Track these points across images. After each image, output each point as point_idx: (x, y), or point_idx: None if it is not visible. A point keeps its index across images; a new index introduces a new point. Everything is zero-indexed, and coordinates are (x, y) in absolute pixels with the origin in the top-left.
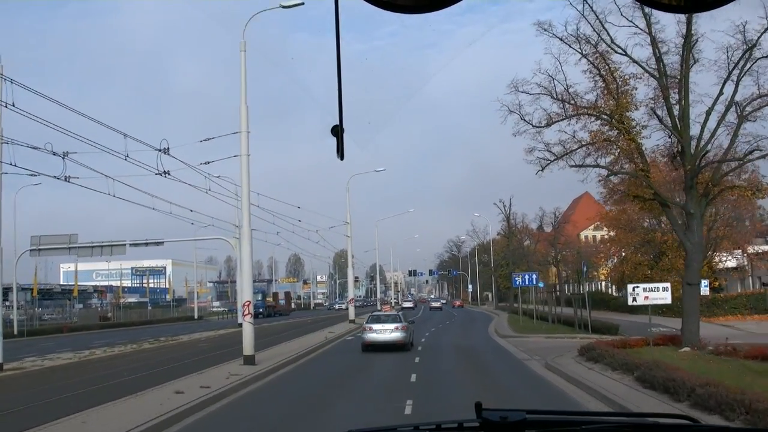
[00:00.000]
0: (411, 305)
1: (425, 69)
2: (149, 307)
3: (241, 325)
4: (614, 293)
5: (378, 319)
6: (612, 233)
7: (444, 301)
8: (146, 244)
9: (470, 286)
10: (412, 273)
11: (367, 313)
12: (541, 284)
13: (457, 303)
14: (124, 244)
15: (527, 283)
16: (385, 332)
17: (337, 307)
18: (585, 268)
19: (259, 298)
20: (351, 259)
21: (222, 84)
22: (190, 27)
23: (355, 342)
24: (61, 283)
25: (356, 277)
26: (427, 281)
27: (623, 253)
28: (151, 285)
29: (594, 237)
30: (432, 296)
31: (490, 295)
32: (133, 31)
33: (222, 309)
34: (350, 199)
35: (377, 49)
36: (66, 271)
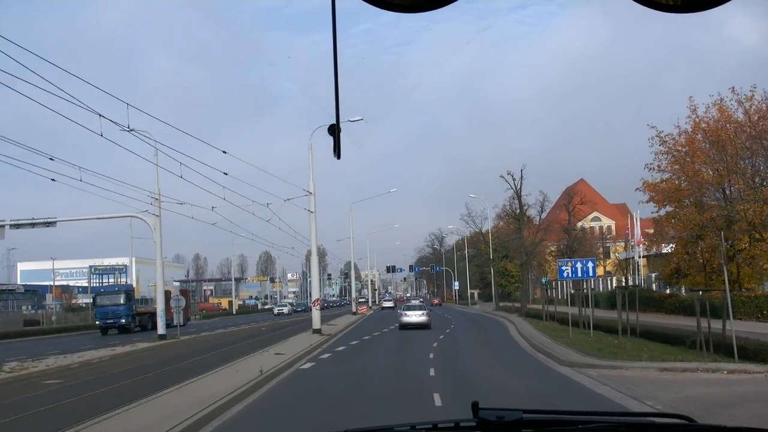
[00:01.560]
0: (391, 305)
1: (400, 67)
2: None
3: (163, 336)
4: (655, 289)
5: (409, 308)
6: (658, 210)
7: (422, 299)
8: (32, 224)
9: (456, 283)
10: (390, 269)
11: (339, 317)
12: (544, 280)
13: (436, 301)
14: (2, 226)
15: (580, 274)
16: (414, 316)
17: (276, 311)
18: (724, 244)
19: (121, 301)
20: (315, 242)
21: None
22: (162, 15)
23: (315, 374)
24: (20, 282)
25: (329, 275)
26: (404, 278)
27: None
28: (112, 284)
29: (592, 228)
30: (408, 294)
31: (475, 294)
32: (100, 21)
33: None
34: (314, 163)
35: (353, 47)
36: (24, 270)
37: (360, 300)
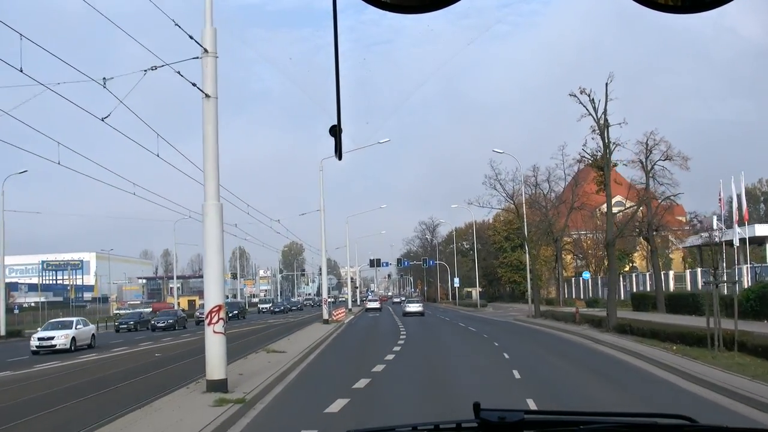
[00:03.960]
0: (377, 306)
1: (383, 65)
2: (17, 311)
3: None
4: None
5: (410, 302)
6: None
7: (403, 298)
8: None
9: (457, 280)
10: (375, 263)
11: (302, 328)
12: (587, 275)
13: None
14: None
15: None
16: (414, 307)
17: (36, 345)
18: None
19: None
20: (214, 161)
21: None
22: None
23: None
24: None
25: (302, 271)
26: (388, 275)
27: None
28: (66, 281)
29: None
30: (390, 293)
31: (474, 292)
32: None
33: (132, 311)
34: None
35: (331, 46)
36: None
37: (335, 300)
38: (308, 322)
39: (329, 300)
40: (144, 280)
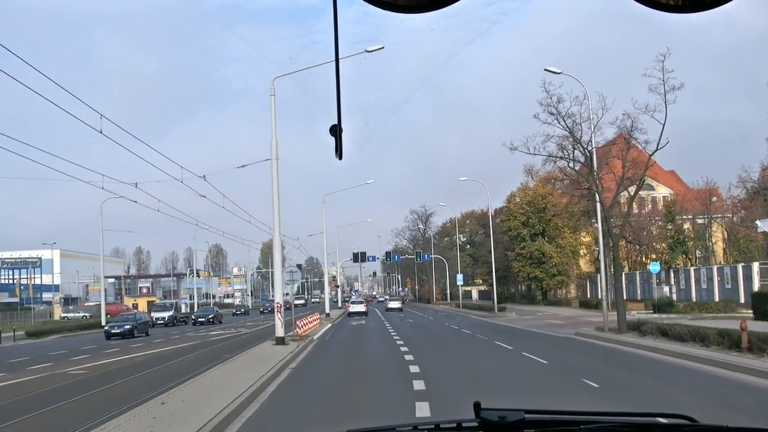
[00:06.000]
0: (362, 309)
1: (366, 65)
2: None
3: None
4: None
5: (392, 299)
6: None
7: (387, 297)
8: None
9: (459, 277)
10: (359, 257)
11: (236, 355)
12: (656, 268)
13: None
14: None
15: None
16: (393, 303)
17: None
18: None
19: None
20: None
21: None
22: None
23: None
24: None
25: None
26: (373, 273)
27: None
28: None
29: (641, 198)
30: (375, 293)
31: (474, 291)
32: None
33: (82, 314)
34: None
35: (319, 43)
36: None
37: (305, 302)
38: (254, 341)
39: (300, 302)
40: (113, 279)
